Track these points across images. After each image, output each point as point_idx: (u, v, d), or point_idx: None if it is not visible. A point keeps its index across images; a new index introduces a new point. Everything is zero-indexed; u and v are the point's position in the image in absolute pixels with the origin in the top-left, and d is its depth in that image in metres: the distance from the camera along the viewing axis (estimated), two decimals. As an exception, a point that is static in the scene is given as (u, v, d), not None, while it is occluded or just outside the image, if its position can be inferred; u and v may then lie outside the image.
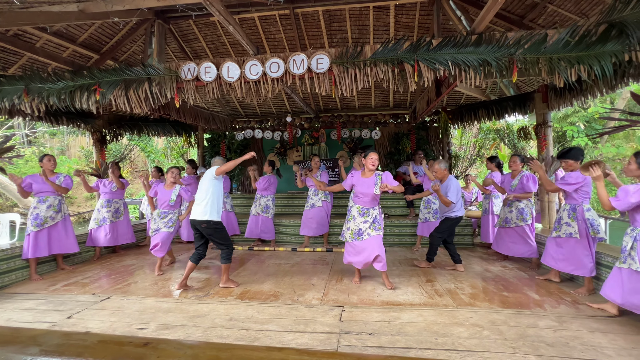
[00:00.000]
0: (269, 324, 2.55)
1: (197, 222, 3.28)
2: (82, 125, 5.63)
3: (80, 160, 15.45)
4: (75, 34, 4.79)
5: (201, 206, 3.29)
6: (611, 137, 11.82)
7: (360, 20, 5.19)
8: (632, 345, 2.16)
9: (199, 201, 3.32)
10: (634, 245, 2.37)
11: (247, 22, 5.35)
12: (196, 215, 3.29)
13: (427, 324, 2.50)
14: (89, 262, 4.58)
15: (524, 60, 2.84)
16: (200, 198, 3.33)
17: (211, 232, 3.29)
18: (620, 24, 2.70)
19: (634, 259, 2.35)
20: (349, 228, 3.45)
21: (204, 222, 3.25)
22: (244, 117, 8.08)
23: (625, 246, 2.46)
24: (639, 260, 2.30)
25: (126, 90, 3.44)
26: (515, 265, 4.08)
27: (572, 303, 2.87)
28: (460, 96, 7.02)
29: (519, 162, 4.04)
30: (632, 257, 2.36)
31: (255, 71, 3.21)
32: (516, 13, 4.34)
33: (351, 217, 3.45)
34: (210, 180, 3.32)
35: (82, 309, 2.89)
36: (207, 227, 3.26)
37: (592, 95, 4.02)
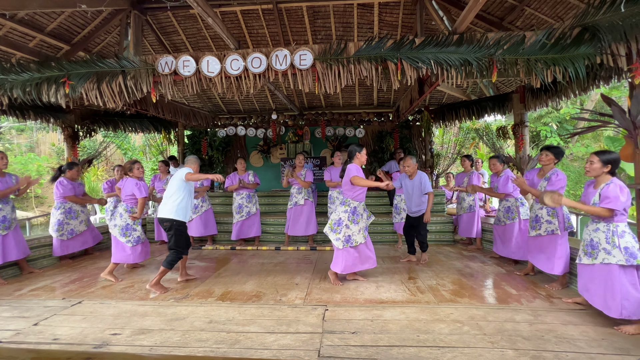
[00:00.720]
0: (251, 325, 2.49)
1: (162, 219, 3.28)
2: (51, 120, 5.32)
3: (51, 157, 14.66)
4: (42, 23, 4.50)
5: (168, 204, 3.26)
6: (581, 137, 12.43)
7: (345, 18, 5.17)
8: (601, 337, 2.25)
9: (167, 199, 3.30)
10: (612, 240, 2.38)
11: (228, 15, 5.21)
12: (162, 213, 3.28)
13: (410, 321, 2.51)
14: (59, 265, 4.34)
15: (503, 61, 2.91)
16: (167, 196, 3.30)
17: (172, 231, 3.26)
18: (593, 27, 2.81)
19: (610, 252, 2.36)
20: (361, 229, 3.35)
21: (167, 220, 3.24)
22: (227, 114, 7.90)
23: (597, 242, 2.48)
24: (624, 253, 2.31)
25: (99, 84, 3.26)
26: (493, 261, 4.19)
27: (546, 297, 2.97)
28: (442, 96, 7.15)
29: (498, 164, 4.12)
30: (608, 251, 2.38)
31: (236, 66, 3.11)
32: (496, 15, 4.45)
33: (360, 218, 3.38)
34: (180, 181, 3.28)
35: (51, 315, 2.72)
36: (170, 226, 3.25)
37: (566, 97, 4.18)
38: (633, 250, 2.32)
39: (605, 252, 2.41)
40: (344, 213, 3.36)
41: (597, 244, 2.48)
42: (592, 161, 2.50)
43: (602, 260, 2.42)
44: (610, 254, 2.38)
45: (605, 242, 2.42)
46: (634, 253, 2.31)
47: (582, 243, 2.61)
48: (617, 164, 2.48)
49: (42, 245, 4.29)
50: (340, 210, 3.39)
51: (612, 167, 2.45)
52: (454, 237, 5.36)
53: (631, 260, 2.30)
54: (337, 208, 3.47)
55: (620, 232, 2.38)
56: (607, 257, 2.39)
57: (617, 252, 2.35)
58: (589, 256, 2.52)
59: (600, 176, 2.50)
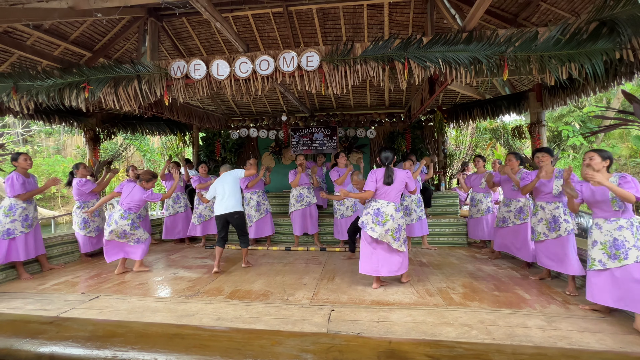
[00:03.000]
0: (257, 323, 2.53)
1: (232, 213, 3.92)
2: (74, 123, 5.59)
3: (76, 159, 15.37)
4: (66, 32, 4.76)
5: (232, 200, 3.93)
6: (606, 137, 11.84)
7: (355, 19, 5.17)
8: (620, 345, 2.14)
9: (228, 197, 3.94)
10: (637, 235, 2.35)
11: (240, 20, 5.32)
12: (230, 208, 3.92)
13: (416, 323, 2.48)
14: (80, 261, 4.55)
15: (514, 58, 2.83)
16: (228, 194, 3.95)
17: (241, 220, 4.00)
18: (611, 21, 2.69)
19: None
20: (389, 230, 3.14)
21: (237, 212, 3.94)
22: (239, 116, 8.05)
23: (622, 241, 2.37)
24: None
25: (115, 88, 3.40)
26: (508, 265, 4.06)
27: (562, 303, 2.86)
28: (456, 95, 7.01)
29: (514, 160, 4.00)
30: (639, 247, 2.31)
31: (245, 69, 3.18)
32: (510, 11, 4.33)
33: (388, 217, 3.16)
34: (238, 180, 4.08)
35: (70, 308, 2.86)
36: (239, 216, 3.97)
37: (585, 94, 4.01)
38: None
39: (638, 249, 2.32)
40: (401, 219, 3.23)
41: (624, 243, 2.37)
42: (592, 157, 2.52)
43: (637, 258, 2.31)
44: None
45: (634, 239, 2.35)
46: None
47: (599, 247, 2.49)
48: (612, 161, 2.56)
49: (65, 243, 4.51)
50: (398, 217, 3.21)
51: (609, 163, 2.51)
52: (467, 239, 5.23)
53: None
54: (393, 215, 3.18)
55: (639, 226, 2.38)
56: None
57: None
58: (615, 258, 2.40)
59: (598, 171, 2.50)
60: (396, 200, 3.22)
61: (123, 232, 3.80)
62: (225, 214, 3.89)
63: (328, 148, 6.80)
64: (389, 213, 3.16)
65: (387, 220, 3.14)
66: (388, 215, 3.15)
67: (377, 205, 3.21)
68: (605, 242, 2.46)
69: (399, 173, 3.21)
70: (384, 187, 3.19)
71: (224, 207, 3.90)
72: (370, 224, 3.18)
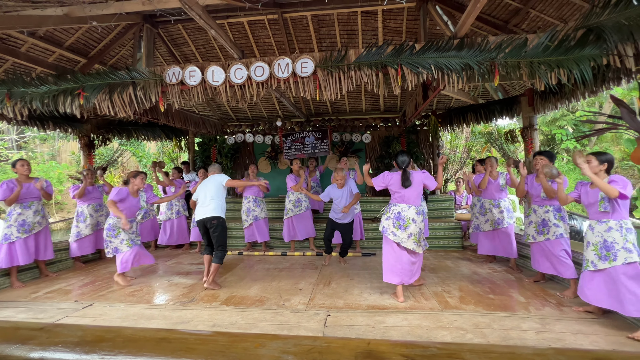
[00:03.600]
0: (252, 329, 2.52)
1: (210, 218, 3.58)
2: (69, 129, 5.57)
3: (71, 165, 15.26)
4: (62, 38, 4.76)
5: (212, 205, 3.61)
6: (599, 140, 12.02)
7: (349, 25, 5.23)
8: (612, 347, 2.17)
9: (209, 201, 3.63)
10: (627, 237, 2.38)
11: (236, 26, 5.36)
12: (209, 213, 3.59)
13: (411, 327, 2.48)
14: (74, 268, 4.50)
15: (505, 64, 2.88)
16: (210, 198, 3.64)
17: (219, 228, 3.59)
18: (598, 28, 2.76)
19: (631, 250, 2.34)
20: (411, 234, 3.04)
21: (215, 218, 3.58)
22: (235, 121, 8.07)
23: (612, 242, 2.40)
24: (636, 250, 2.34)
25: (110, 94, 3.41)
26: (503, 268, 4.09)
27: (556, 305, 2.88)
28: (450, 100, 7.09)
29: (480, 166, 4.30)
30: (629, 249, 2.34)
31: (240, 75, 3.21)
32: (501, 18, 4.41)
33: (410, 221, 3.07)
34: (221, 185, 3.70)
35: (63, 317, 2.82)
36: (218, 223, 3.59)
37: (575, 99, 4.08)
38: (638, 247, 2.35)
39: (627, 251, 2.36)
40: (422, 222, 3.15)
41: (613, 244, 2.41)
42: (589, 160, 2.54)
43: (625, 260, 2.34)
44: (632, 252, 2.35)
45: (623, 241, 2.38)
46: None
47: (592, 248, 2.53)
48: (612, 164, 2.55)
49: (58, 250, 4.46)
50: (419, 220, 3.12)
51: (608, 166, 2.51)
52: (463, 243, 5.26)
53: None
54: (415, 219, 3.08)
55: (629, 228, 2.41)
56: (630, 256, 2.34)
57: (634, 249, 2.34)
58: (605, 259, 2.43)
59: (597, 174, 2.52)
60: (417, 204, 3.13)
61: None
62: (204, 219, 3.60)
63: (320, 151, 6.81)
64: (410, 217, 3.07)
65: (408, 224, 3.05)
66: (410, 219, 3.06)
67: (398, 209, 3.13)
68: (596, 244, 2.50)
69: (416, 175, 3.14)
70: (402, 191, 3.11)
71: (203, 212, 3.63)
72: (392, 228, 3.10)
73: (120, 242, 3.71)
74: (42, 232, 3.93)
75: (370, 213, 6.13)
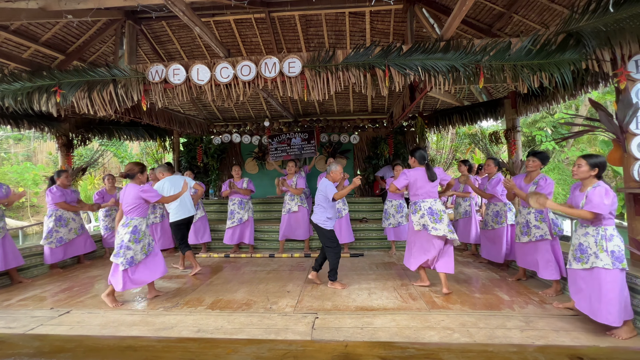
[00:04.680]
0: (239, 334, 2.46)
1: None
2: (45, 129, 5.33)
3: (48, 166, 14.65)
4: (37, 33, 4.55)
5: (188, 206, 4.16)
6: (576, 142, 12.49)
7: (337, 26, 5.23)
8: (593, 343, 2.23)
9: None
10: (601, 243, 2.37)
11: (222, 25, 5.27)
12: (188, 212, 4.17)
13: (400, 328, 2.48)
14: (50, 274, 4.30)
15: (490, 67, 2.94)
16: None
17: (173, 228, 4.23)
18: (577, 33, 2.85)
19: (598, 256, 2.36)
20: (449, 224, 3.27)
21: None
22: (222, 121, 7.93)
23: (586, 246, 2.47)
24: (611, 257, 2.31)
25: (89, 92, 3.27)
26: (488, 267, 4.17)
27: (539, 303, 2.95)
28: (436, 101, 7.20)
29: (493, 165, 4.14)
30: (597, 255, 2.37)
31: (226, 74, 3.14)
32: (485, 22, 4.51)
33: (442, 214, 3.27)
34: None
35: (37, 325, 2.68)
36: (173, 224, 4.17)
37: (556, 102, 4.22)
38: (620, 254, 2.32)
39: (595, 257, 2.39)
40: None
41: (587, 248, 2.46)
42: (580, 164, 2.50)
43: (592, 264, 2.40)
44: (598, 257, 2.36)
45: (595, 246, 2.40)
46: (620, 257, 2.31)
47: (572, 248, 2.60)
48: (603, 167, 2.48)
49: (34, 255, 4.25)
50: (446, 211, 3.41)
51: (599, 170, 2.46)
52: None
53: (617, 264, 2.29)
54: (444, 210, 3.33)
55: (609, 236, 2.37)
56: (596, 261, 2.37)
57: (604, 256, 2.34)
58: (579, 261, 2.50)
59: (587, 179, 2.49)
60: (437, 197, 3.33)
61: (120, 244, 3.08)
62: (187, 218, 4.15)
63: (307, 152, 6.77)
64: (440, 209, 3.26)
65: (442, 217, 3.23)
66: (442, 212, 3.25)
67: (427, 205, 3.26)
68: (575, 245, 2.57)
69: (438, 170, 3.32)
70: (426, 186, 3.26)
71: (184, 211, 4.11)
72: (431, 224, 3.21)
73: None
74: (7, 238, 3.72)
75: (358, 214, 6.14)
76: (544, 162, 3.27)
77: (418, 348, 0.60)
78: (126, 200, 3.07)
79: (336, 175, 3.55)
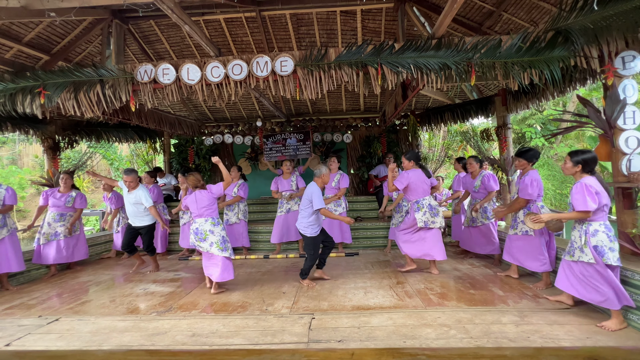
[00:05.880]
0: (235, 337, 2.42)
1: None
2: (30, 131, 5.18)
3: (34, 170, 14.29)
4: (20, 33, 4.41)
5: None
6: (564, 138, 12.73)
7: (328, 25, 5.21)
8: (586, 336, 2.26)
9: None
10: (584, 238, 2.45)
11: (212, 24, 5.20)
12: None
13: (396, 327, 2.48)
14: (38, 280, 4.18)
15: (481, 65, 2.95)
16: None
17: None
18: (566, 31, 2.89)
19: (583, 251, 2.45)
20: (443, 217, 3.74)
21: None
22: (213, 122, 7.84)
23: (574, 240, 2.56)
24: (591, 253, 2.40)
25: (76, 93, 3.18)
26: (482, 263, 4.20)
27: (532, 297, 2.98)
28: (427, 100, 7.24)
29: (475, 163, 4.21)
30: (582, 249, 2.45)
31: (217, 73, 3.09)
32: (475, 20, 4.54)
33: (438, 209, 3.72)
34: None
35: (25, 334, 2.60)
36: None
37: (545, 98, 4.28)
38: (602, 249, 2.38)
39: (580, 251, 2.48)
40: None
41: (573, 242, 2.57)
42: (565, 161, 2.60)
43: (578, 258, 2.49)
44: (583, 252, 2.45)
45: (580, 240, 2.49)
46: (603, 252, 2.37)
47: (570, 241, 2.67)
48: (588, 163, 2.49)
49: (20, 261, 4.12)
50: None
51: (582, 166, 2.50)
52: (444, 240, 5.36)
53: (599, 259, 2.36)
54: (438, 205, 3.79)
55: (593, 231, 2.43)
56: (582, 256, 2.46)
57: (587, 251, 2.42)
58: (568, 254, 2.61)
59: (574, 175, 2.57)
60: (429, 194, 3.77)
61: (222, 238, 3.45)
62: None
63: (302, 153, 6.75)
64: (435, 204, 3.69)
65: (438, 211, 3.67)
66: (437, 206, 3.68)
67: (428, 202, 3.65)
68: (569, 238, 2.64)
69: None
70: (424, 185, 3.63)
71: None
72: (431, 218, 3.61)
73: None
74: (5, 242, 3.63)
75: (352, 213, 6.14)
76: (531, 160, 3.25)
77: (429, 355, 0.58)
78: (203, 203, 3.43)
79: (326, 178, 3.50)
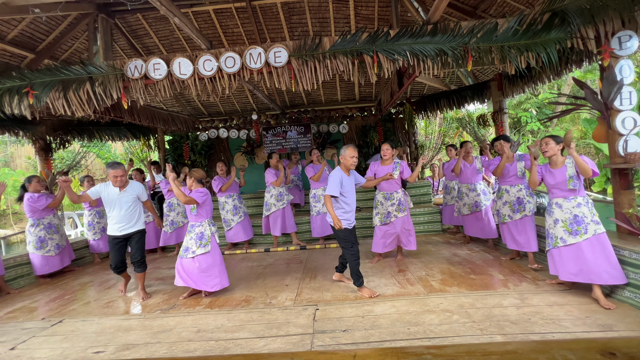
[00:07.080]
0: (240, 331, 2.44)
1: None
2: (20, 133, 5.07)
3: (28, 172, 14.08)
4: (2, 31, 4.27)
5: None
6: (560, 121, 12.77)
7: (321, 13, 5.11)
8: (585, 315, 2.30)
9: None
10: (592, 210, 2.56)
11: (202, 15, 5.07)
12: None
13: (400, 314, 2.51)
14: (38, 283, 4.16)
15: (477, 49, 2.92)
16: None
17: None
18: (562, 12, 2.85)
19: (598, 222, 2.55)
20: (378, 213, 3.81)
21: None
22: (207, 116, 7.73)
23: (582, 217, 2.54)
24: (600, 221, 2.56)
25: (65, 92, 3.10)
26: (480, 248, 4.25)
27: (532, 280, 3.03)
28: (423, 87, 7.19)
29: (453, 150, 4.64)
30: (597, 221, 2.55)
31: (209, 67, 3.02)
32: (469, 4, 4.47)
33: (378, 203, 3.82)
34: None
35: (29, 337, 2.59)
36: None
37: (541, 82, 4.26)
38: None
39: (595, 224, 2.52)
40: None
41: (583, 219, 2.54)
42: (548, 142, 2.72)
43: (595, 232, 2.50)
44: (599, 224, 2.51)
45: (591, 214, 2.54)
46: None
47: (561, 225, 2.64)
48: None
49: (19, 265, 4.10)
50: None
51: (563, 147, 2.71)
52: (442, 226, 5.41)
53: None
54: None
55: (592, 202, 2.61)
56: (598, 228, 2.50)
57: (600, 221, 2.52)
58: (576, 234, 2.55)
59: (556, 155, 2.71)
60: None
61: None
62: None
63: (303, 146, 6.71)
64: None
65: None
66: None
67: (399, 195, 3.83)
68: (565, 220, 2.62)
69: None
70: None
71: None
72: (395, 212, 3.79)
73: None
74: None
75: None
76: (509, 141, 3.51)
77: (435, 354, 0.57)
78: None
79: (348, 161, 2.95)
